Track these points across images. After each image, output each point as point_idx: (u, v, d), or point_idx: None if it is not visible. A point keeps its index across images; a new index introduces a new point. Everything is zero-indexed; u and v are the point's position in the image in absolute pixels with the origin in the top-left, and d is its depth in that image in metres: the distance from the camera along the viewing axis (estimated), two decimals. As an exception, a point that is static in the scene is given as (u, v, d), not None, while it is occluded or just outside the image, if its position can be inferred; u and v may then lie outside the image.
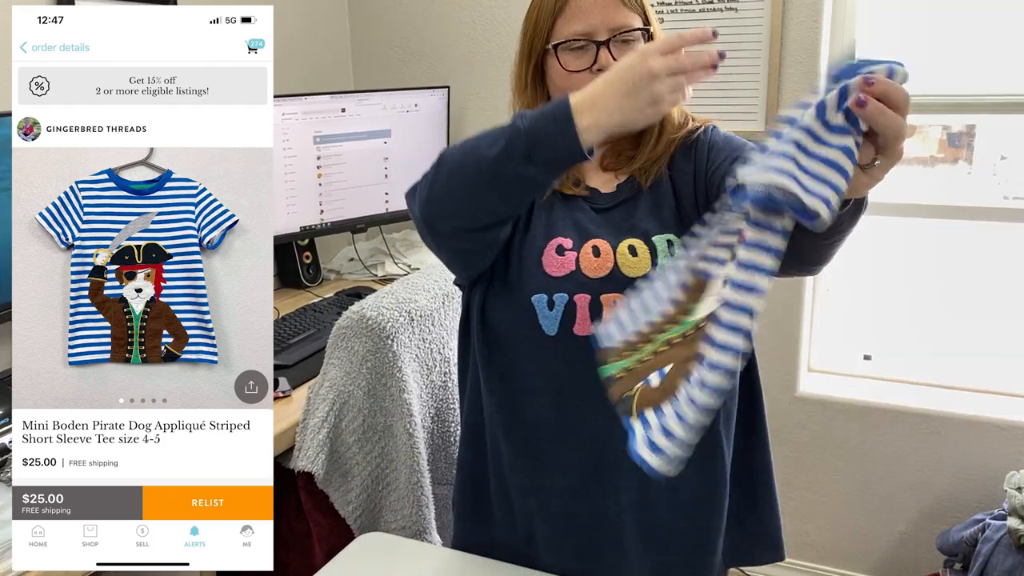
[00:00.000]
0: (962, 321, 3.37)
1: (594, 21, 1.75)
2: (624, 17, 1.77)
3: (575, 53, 1.78)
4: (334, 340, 2.32)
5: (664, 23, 3.25)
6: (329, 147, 3.38)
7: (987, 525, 2.87)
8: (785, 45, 3.16)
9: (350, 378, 2.30)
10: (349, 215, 3.51)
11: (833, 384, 3.52)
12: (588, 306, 1.76)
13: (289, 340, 2.86)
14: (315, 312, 3.12)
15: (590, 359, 1.62)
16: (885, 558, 3.48)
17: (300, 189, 3.33)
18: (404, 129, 3.56)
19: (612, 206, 1.87)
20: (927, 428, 3.27)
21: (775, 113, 3.18)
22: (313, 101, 3.30)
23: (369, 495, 2.38)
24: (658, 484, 1.76)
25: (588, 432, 1.83)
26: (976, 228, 3.26)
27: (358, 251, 3.79)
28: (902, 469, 3.36)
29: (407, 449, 2.35)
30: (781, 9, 3.12)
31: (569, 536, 1.91)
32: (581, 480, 1.87)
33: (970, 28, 3.07)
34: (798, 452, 3.53)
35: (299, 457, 2.29)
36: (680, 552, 1.91)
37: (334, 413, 2.30)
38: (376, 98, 3.47)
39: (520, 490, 1.94)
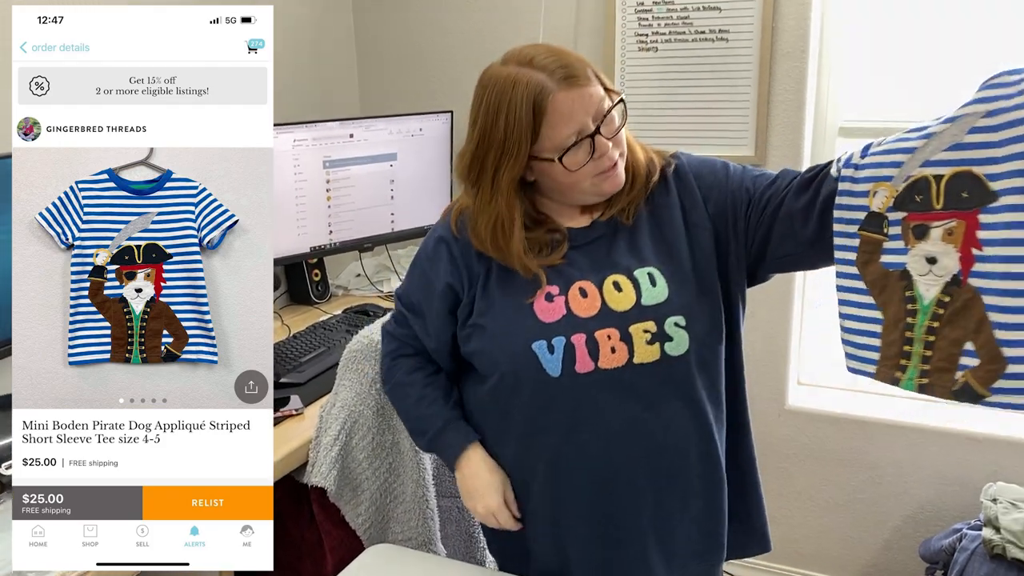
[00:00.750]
0: None
1: (580, 119, 1.78)
2: (598, 99, 1.80)
3: (573, 151, 1.80)
4: (345, 363, 2.34)
5: (658, 52, 3.35)
6: (338, 171, 3.40)
7: (964, 535, 2.89)
8: (774, 74, 3.21)
9: (360, 399, 2.33)
10: (356, 235, 3.54)
11: (821, 397, 3.53)
12: (585, 344, 1.82)
13: (301, 358, 2.85)
14: (325, 330, 3.12)
15: (593, 394, 1.83)
16: (870, 565, 3.50)
17: (310, 211, 3.36)
18: (409, 153, 3.59)
19: (589, 242, 1.92)
20: (911, 440, 3.30)
21: (764, 139, 3.25)
22: (323, 128, 3.33)
23: (378, 508, 2.41)
24: (670, 500, 1.91)
25: (599, 462, 1.89)
26: None
27: (364, 268, 3.81)
28: (887, 479, 3.38)
29: (413, 464, 2.39)
30: (770, 40, 3.17)
31: (598, 558, 1.97)
32: (599, 507, 1.93)
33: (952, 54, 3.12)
34: (787, 463, 3.55)
35: (313, 473, 2.32)
36: (695, 558, 2.00)
37: (345, 431, 2.32)
38: (382, 124, 3.50)
39: (547, 519, 2.00)
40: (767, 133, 3.24)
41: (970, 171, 1.51)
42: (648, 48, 3.37)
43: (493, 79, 1.85)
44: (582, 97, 1.77)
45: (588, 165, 1.81)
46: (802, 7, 3.10)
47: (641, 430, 1.86)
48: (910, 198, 1.58)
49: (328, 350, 2.93)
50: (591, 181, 1.83)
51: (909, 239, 1.59)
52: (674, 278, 1.85)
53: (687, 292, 1.85)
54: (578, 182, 1.83)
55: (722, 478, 1.98)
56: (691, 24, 3.29)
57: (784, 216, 1.80)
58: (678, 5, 3.28)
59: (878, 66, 3.23)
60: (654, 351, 1.82)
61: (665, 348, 1.82)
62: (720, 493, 1.98)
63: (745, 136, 3.29)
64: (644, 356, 1.82)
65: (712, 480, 1.96)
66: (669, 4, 3.30)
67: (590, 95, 1.78)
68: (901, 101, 3.21)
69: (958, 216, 1.53)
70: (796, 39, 3.14)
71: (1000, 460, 3.14)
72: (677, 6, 3.28)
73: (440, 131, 3.64)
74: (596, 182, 1.84)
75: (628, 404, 1.84)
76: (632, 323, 1.82)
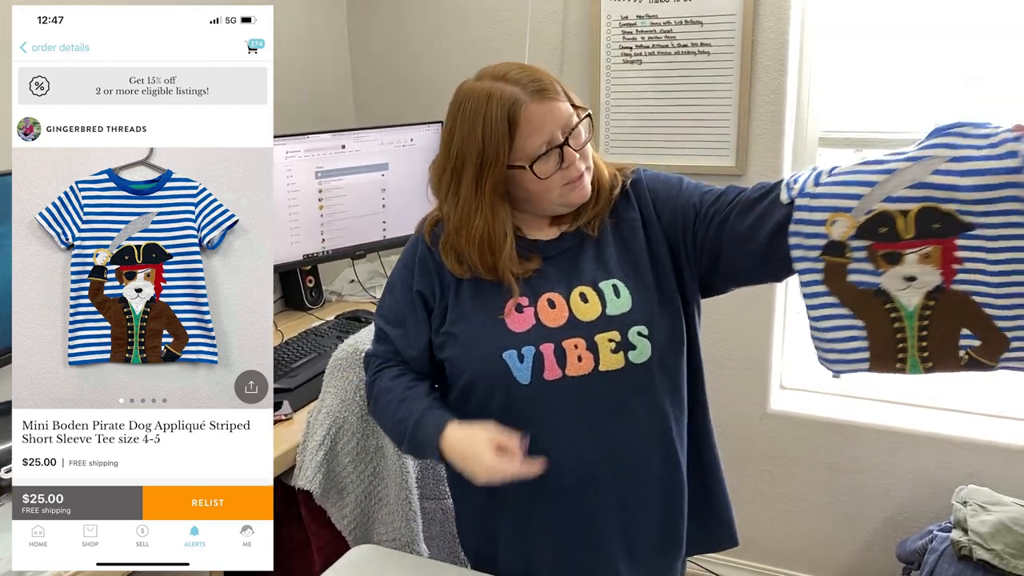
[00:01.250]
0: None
1: (549, 130, 1.84)
2: (566, 113, 1.87)
3: (543, 160, 1.86)
4: (331, 370, 2.39)
5: (642, 65, 3.38)
6: (330, 181, 3.45)
7: (935, 536, 2.95)
8: (754, 86, 3.25)
9: (345, 405, 2.37)
10: (349, 243, 3.57)
11: (803, 401, 3.56)
12: (553, 353, 1.88)
13: (292, 364, 2.90)
14: (316, 336, 3.16)
15: (561, 400, 1.89)
16: (850, 564, 3.53)
17: (303, 220, 3.40)
18: (400, 162, 3.64)
19: (557, 254, 1.97)
20: (890, 443, 3.34)
21: (745, 149, 3.29)
22: (315, 140, 3.38)
23: (363, 510, 2.45)
24: (634, 502, 1.97)
25: (566, 466, 1.92)
26: None
27: (358, 274, 3.87)
28: (867, 481, 3.42)
29: (397, 468, 2.41)
30: (751, 54, 3.22)
31: (564, 556, 2.03)
32: (566, 508, 1.98)
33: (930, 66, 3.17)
34: (770, 465, 3.58)
35: (299, 477, 2.36)
36: (656, 554, 2.05)
37: (330, 437, 2.36)
38: (374, 135, 3.56)
39: (516, 520, 2.05)
40: (748, 143, 3.28)
41: (937, 207, 1.58)
42: (632, 61, 3.40)
43: (468, 93, 1.91)
44: (552, 110, 1.84)
45: (556, 175, 1.87)
46: (781, 22, 3.15)
47: (606, 435, 1.92)
48: (873, 230, 1.64)
49: (319, 356, 2.96)
50: (559, 191, 1.89)
51: (880, 264, 1.66)
52: (637, 289, 1.91)
53: (649, 302, 1.91)
54: (547, 191, 1.89)
55: (682, 480, 2.02)
56: (674, 38, 3.32)
57: (730, 235, 1.85)
58: (661, 19, 3.32)
59: (856, 78, 3.27)
60: (619, 359, 1.87)
61: (629, 356, 1.88)
62: (680, 494, 2.03)
63: (727, 146, 3.33)
64: (609, 364, 1.87)
65: (673, 482, 2.01)
66: (653, 18, 3.33)
67: (559, 109, 1.85)
68: (879, 111, 3.25)
69: (933, 243, 1.60)
70: (776, 52, 3.19)
71: (977, 463, 3.18)
72: (660, 20, 3.32)
73: (430, 141, 3.67)
74: (564, 192, 1.90)
75: (594, 410, 1.90)
76: (598, 332, 1.87)
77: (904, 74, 3.19)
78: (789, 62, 3.20)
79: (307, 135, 3.34)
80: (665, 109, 3.39)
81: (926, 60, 3.15)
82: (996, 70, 3.06)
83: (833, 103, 3.31)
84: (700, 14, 3.26)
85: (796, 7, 3.15)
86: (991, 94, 3.09)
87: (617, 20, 3.38)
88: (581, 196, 1.92)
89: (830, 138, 3.33)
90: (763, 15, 3.17)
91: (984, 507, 2.91)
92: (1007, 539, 2.76)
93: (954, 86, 3.14)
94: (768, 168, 3.26)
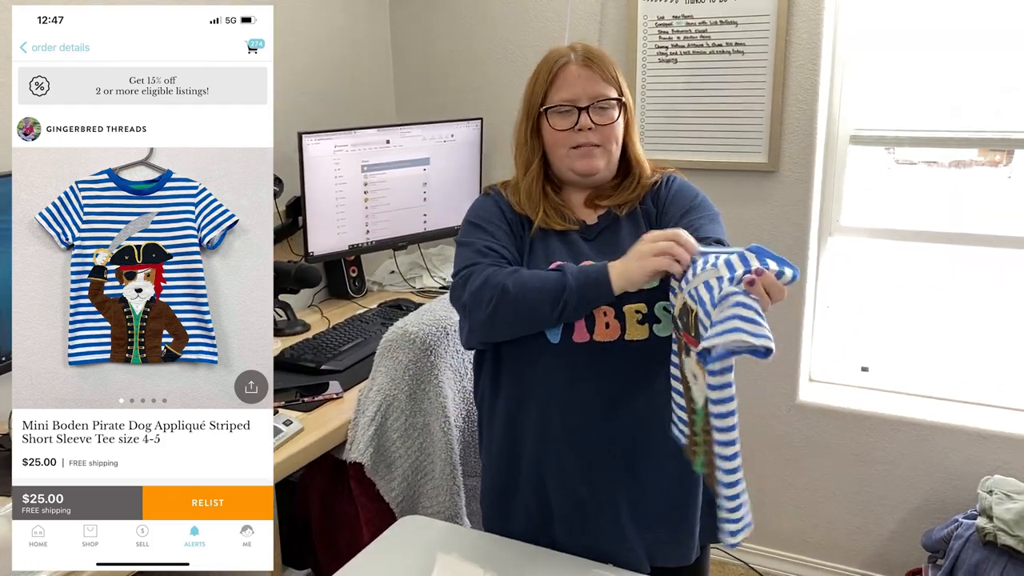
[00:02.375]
0: (953, 336, 3.44)
1: (577, 91, 2.05)
2: (601, 88, 2.06)
3: (562, 116, 2.07)
4: (382, 351, 2.49)
5: (678, 63, 3.40)
6: (375, 175, 3.52)
7: (960, 524, 2.99)
8: (787, 85, 3.26)
9: (395, 384, 2.47)
10: (391, 234, 3.66)
11: (831, 393, 3.58)
12: (584, 319, 1.97)
13: (340, 348, 3.00)
14: (361, 322, 3.28)
15: (586, 362, 1.99)
16: (877, 554, 3.54)
17: (349, 212, 3.47)
18: (441, 157, 3.71)
19: (597, 234, 2.12)
20: (917, 435, 3.35)
21: (777, 146, 3.30)
22: (362, 135, 3.44)
23: (409, 484, 2.54)
24: (644, 474, 2.05)
25: (583, 428, 2.03)
26: (967, 250, 3.34)
27: (399, 265, 3.92)
28: (893, 472, 3.43)
29: (443, 445, 2.50)
30: (784, 53, 3.22)
31: (577, 518, 2.09)
32: (582, 469, 2.06)
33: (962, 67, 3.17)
34: (798, 456, 3.60)
35: (351, 450, 2.46)
36: (666, 530, 2.10)
37: (381, 413, 2.46)
38: (417, 130, 3.62)
39: (533, 479, 2.12)
40: (780, 140, 3.31)
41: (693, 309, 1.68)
42: (668, 60, 3.40)
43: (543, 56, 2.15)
44: (587, 77, 2.05)
45: (567, 134, 2.06)
46: (814, 23, 3.17)
47: (624, 400, 2.01)
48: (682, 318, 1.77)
49: (365, 340, 3.07)
50: (567, 152, 2.08)
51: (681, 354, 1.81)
52: None
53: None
54: (557, 146, 2.09)
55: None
56: (709, 37, 3.34)
57: None
58: (697, 20, 3.33)
59: (887, 77, 3.26)
60: (643, 330, 1.97)
61: (654, 329, 1.97)
62: (692, 474, 2.00)
63: (759, 143, 3.34)
64: (634, 334, 1.97)
65: (688, 469, 1.97)
66: (688, 18, 3.35)
67: (594, 80, 2.06)
68: (909, 110, 3.25)
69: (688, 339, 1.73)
70: (808, 52, 3.21)
71: (1003, 455, 3.21)
72: (696, 20, 3.34)
73: (470, 136, 3.75)
74: (571, 155, 2.08)
75: (616, 375, 2.00)
76: (626, 303, 1.95)
77: (937, 76, 3.19)
78: (822, 62, 3.21)
79: (354, 130, 3.41)
80: (700, 106, 3.40)
81: (960, 65, 3.14)
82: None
83: (865, 102, 3.30)
84: (735, 14, 3.27)
85: (829, 8, 3.17)
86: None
87: (653, 20, 3.40)
88: (585, 167, 2.08)
89: (862, 136, 3.32)
90: (797, 15, 3.19)
91: (1009, 496, 2.96)
92: (1032, 526, 2.85)
93: (990, 92, 3.13)
94: (800, 164, 3.29)
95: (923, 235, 3.33)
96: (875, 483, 3.45)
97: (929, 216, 3.32)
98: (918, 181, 3.37)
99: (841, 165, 3.34)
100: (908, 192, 3.37)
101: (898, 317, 3.49)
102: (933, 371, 3.44)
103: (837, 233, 3.42)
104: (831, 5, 3.16)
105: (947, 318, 3.42)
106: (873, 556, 3.53)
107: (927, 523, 3.33)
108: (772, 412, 3.54)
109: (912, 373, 3.48)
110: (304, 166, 3.20)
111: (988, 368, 3.36)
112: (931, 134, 3.23)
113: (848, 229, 3.41)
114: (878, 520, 3.48)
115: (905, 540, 3.43)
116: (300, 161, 3.18)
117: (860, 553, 3.56)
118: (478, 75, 3.85)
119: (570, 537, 2.10)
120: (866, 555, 3.54)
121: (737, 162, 3.34)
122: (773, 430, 3.56)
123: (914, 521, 3.40)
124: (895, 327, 3.50)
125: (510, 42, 3.73)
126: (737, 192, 3.36)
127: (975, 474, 3.19)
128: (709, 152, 3.38)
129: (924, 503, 3.37)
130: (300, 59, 3.49)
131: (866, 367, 3.57)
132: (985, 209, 3.25)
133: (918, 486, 3.38)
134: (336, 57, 3.68)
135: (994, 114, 3.13)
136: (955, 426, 3.26)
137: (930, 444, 3.31)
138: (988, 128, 3.14)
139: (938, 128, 3.22)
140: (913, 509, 3.40)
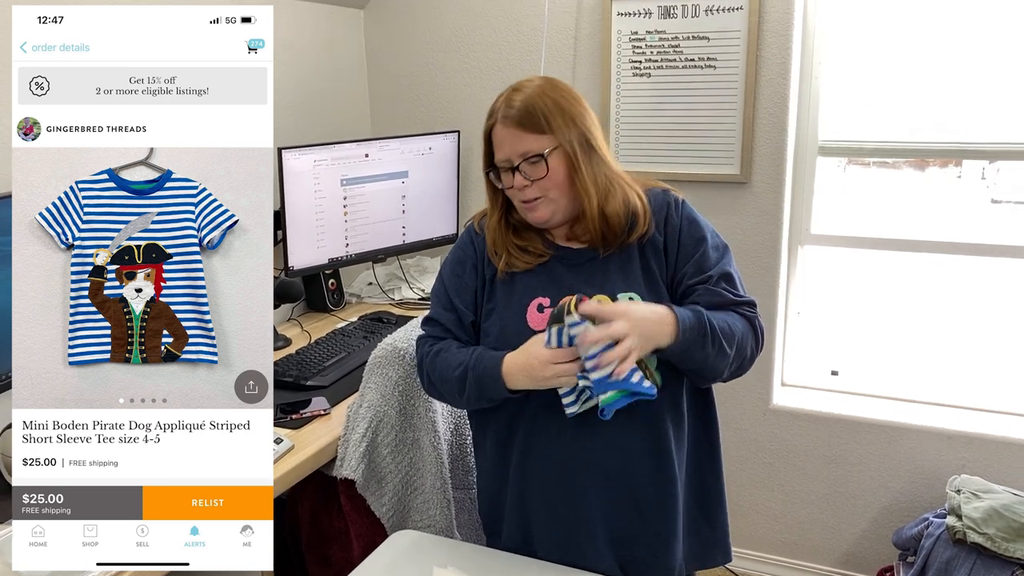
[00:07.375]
0: (920, 340, 3.46)
1: (506, 151, 1.96)
2: (528, 144, 1.93)
3: (504, 173, 2.00)
4: (371, 367, 2.42)
5: (651, 77, 3.37)
6: (354, 188, 3.44)
7: (930, 523, 3.01)
8: (758, 98, 3.25)
9: (385, 400, 2.39)
10: (371, 247, 3.58)
11: (803, 397, 3.58)
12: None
13: (324, 363, 2.90)
14: (343, 336, 3.18)
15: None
16: (850, 552, 3.55)
17: (328, 226, 3.39)
18: (419, 170, 3.65)
19: (584, 262, 2.03)
20: (886, 436, 3.36)
21: (749, 158, 3.29)
22: (341, 148, 3.37)
23: (400, 499, 2.48)
24: (620, 492, 2.02)
25: (563, 452, 2.01)
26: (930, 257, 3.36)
27: (377, 276, 3.85)
28: (864, 473, 3.44)
29: (433, 459, 2.44)
30: (755, 67, 3.21)
31: (556, 535, 2.07)
32: (559, 492, 2.04)
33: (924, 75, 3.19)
34: (772, 458, 3.59)
35: (342, 466, 2.39)
36: (642, 552, 2.06)
37: (372, 429, 2.39)
38: (395, 143, 3.56)
39: (516, 499, 2.11)
40: (752, 152, 3.30)
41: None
42: (642, 74, 3.37)
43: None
44: (511, 136, 1.94)
45: (511, 190, 1.98)
46: (784, 38, 3.17)
47: (603, 432, 1.95)
48: None
49: (348, 354, 2.99)
50: (519, 203, 2.01)
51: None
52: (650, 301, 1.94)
53: None
54: (511, 198, 2.02)
55: (675, 495, 2.04)
56: (681, 52, 3.31)
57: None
58: (670, 35, 3.31)
59: (855, 91, 3.28)
60: None
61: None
62: (672, 506, 2.04)
63: (731, 155, 3.32)
64: None
65: (664, 494, 2.04)
66: (661, 33, 3.32)
67: (519, 137, 1.93)
68: (874, 123, 3.26)
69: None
70: (778, 67, 3.21)
71: (969, 455, 3.24)
72: (669, 36, 3.31)
73: (448, 149, 3.70)
74: (522, 208, 2.00)
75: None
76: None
77: (898, 87, 3.21)
78: (792, 76, 3.21)
79: (333, 144, 3.34)
80: (673, 119, 3.38)
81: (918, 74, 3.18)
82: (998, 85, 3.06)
83: (832, 115, 3.31)
84: (707, 30, 3.25)
85: (798, 25, 3.18)
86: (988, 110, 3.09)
87: (627, 35, 3.37)
88: (534, 218, 2.00)
89: (829, 147, 3.33)
90: (767, 31, 3.18)
91: (976, 495, 2.97)
92: (999, 524, 2.82)
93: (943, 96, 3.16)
94: (771, 176, 3.28)
95: (890, 243, 3.34)
96: (847, 484, 3.46)
97: (895, 224, 3.32)
98: (874, 184, 3.38)
99: (810, 175, 3.33)
100: (875, 201, 3.37)
101: (867, 322, 3.50)
102: (901, 374, 3.46)
103: (807, 242, 3.40)
104: (799, 23, 3.16)
105: (914, 322, 3.43)
106: (846, 555, 3.53)
107: (897, 521, 3.34)
108: (747, 416, 3.53)
109: (881, 376, 3.49)
110: (284, 181, 3.11)
111: (954, 370, 3.38)
112: (894, 145, 3.25)
113: (818, 237, 3.39)
114: (850, 520, 3.49)
115: (877, 539, 3.44)
116: (280, 176, 3.09)
117: (833, 552, 3.56)
118: (452, 89, 3.80)
119: (548, 555, 2.08)
120: (839, 554, 3.55)
121: (710, 174, 3.32)
122: (748, 434, 3.55)
123: (885, 520, 3.41)
124: (864, 332, 3.51)
125: (486, 56, 3.69)
126: (710, 203, 3.31)
127: (943, 473, 3.21)
128: (682, 164, 3.36)
129: (894, 502, 3.38)
130: (276, 75, 3.38)
131: (836, 371, 3.58)
132: (942, 216, 3.27)
133: (888, 486, 3.38)
134: (311, 73, 3.62)
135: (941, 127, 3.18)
136: (923, 427, 3.27)
137: (899, 445, 3.32)
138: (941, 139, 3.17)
139: (900, 139, 3.24)
140: (884, 508, 3.40)
